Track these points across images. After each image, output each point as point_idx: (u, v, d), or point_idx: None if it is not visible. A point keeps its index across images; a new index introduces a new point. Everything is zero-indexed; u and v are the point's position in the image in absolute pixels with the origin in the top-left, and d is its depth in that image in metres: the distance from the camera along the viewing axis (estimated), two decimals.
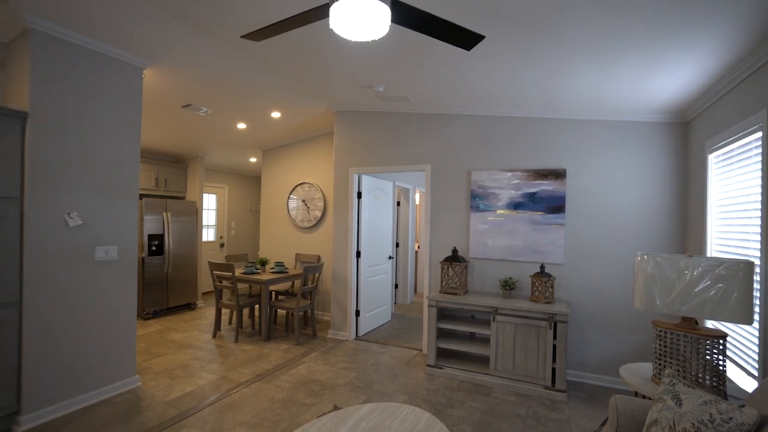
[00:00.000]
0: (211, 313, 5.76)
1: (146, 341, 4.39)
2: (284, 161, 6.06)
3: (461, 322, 3.69)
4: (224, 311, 5.64)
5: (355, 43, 2.66)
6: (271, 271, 4.86)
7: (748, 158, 2.29)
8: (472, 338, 3.77)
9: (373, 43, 2.62)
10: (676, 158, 3.28)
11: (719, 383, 1.95)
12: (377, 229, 5.12)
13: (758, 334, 2.08)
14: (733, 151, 2.47)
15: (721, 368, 1.96)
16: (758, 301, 2.05)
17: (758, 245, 2.11)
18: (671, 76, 2.58)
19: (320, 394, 3.16)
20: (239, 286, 5.09)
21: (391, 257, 5.54)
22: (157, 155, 6.24)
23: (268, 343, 4.41)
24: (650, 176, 3.35)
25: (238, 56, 3.11)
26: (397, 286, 6.59)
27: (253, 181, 8.46)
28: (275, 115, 4.67)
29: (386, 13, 1.47)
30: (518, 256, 3.74)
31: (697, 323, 2.10)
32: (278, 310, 5.38)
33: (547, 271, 3.63)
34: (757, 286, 2.06)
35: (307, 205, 5.73)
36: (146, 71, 3.32)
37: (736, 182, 2.43)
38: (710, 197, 2.79)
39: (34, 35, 2.56)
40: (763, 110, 2.07)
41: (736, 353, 2.39)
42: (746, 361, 2.25)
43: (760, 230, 2.08)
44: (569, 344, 3.59)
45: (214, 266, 4.49)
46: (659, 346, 2.14)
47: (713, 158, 2.77)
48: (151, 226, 5.37)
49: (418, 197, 7.53)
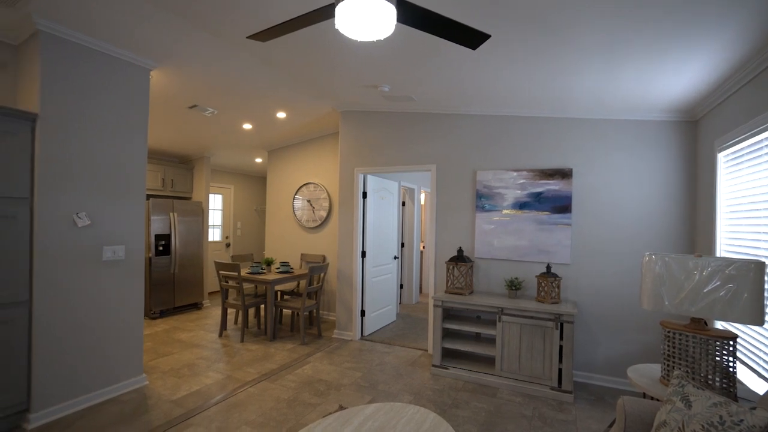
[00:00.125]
0: (217, 312, 5.80)
1: (153, 340, 4.42)
2: (289, 161, 6.08)
3: (467, 322, 3.68)
4: (230, 311, 5.67)
5: (360, 42, 2.66)
6: (276, 271, 4.88)
7: (758, 156, 2.25)
8: (477, 338, 3.76)
9: (378, 42, 2.62)
10: (684, 157, 3.25)
11: (729, 385, 1.93)
12: (382, 229, 5.12)
13: None
14: (743, 149, 2.44)
15: (731, 370, 1.93)
16: None
17: None
18: (679, 74, 2.55)
19: (325, 393, 3.16)
20: (245, 286, 5.11)
21: (396, 257, 5.54)
22: (163, 156, 6.29)
23: (273, 342, 4.43)
24: (658, 175, 3.31)
25: (243, 57, 3.13)
26: (402, 286, 6.59)
27: (258, 181, 8.50)
28: (281, 115, 4.69)
29: (392, 12, 1.47)
30: (524, 256, 3.72)
31: (706, 324, 2.07)
32: (284, 309, 5.39)
33: (553, 271, 3.61)
34: None
35: (312, 205, 5.75)
36: (153, 72, 3.35)
37: (746, 181, 2.40)
38: (719, 196, 2.76)
39: (43, 37, 2.59)
40: None
41: (746, 355, 2.35)
42: (757, 362, 2.22)
43: None
44: (576, 345, 3.56)
45: (220, 266, 4.51)
46: (668, 347, 2.11)
47: (723, 157, 2.74)
48: (158, 226, 5.41)
49: (423, 197, 7.52)
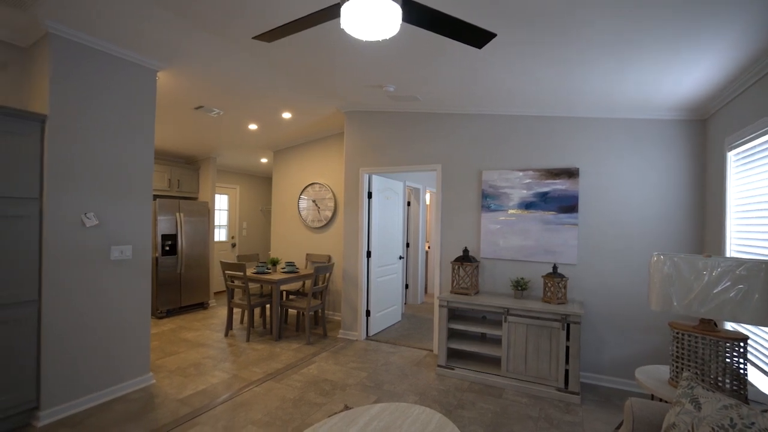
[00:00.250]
0: (223, 312, 5.83)
1: (160, 340, 4.45)
2: (295, 162, 6.10)
3: (472, 322, 3.66)
4: (236, 310, 5.70)
5: (365, 42, 2.66)
6: (282, 270, 4.89)
7: None
8: (483, 339, 3.74)
9: (383, 42, 2.62)
10: (693, 156, 3.21)
11: (740, 387, 1.90)
12: (388, 229, 5.11)
13: None
14: (754, 148, 2.40)
15: (741, 372, 1.90)
16: None
17: None
18: (688, 73, 2.52)
19: (331, 393, 3.17)
20: (251, 285, 5.13)
21: (401, 257, 5.53)
22: (170, 156, 6.34)
23: (279, 342, 4.44)
24: (666, 174, 3.28)
25: (249, 58, 3.14)
26: (407, 286, 6.58)
27: (264, 181, 8.53)
28: (286, 115, 4.71)
29: (397, 12, 1.47)
30: (530, 256, 3.70)
31: (716, 325, 2.05)
32: (289, 309, 5.42)
33: (559, 271, 3.59)
34: None
35: (317, 205, 5.76)
36: (160, 74, 3.38)
37: (757, 180, 2.36)
38: (729, 196, 2.72)
39: (52, 40, 2.62)
40: None
41: (757, 356, 2.32)
42: None
43: None
44: (583, 345, 3.53)
45: (226, 266, 4.54)
46: (676, 348, 2.09)
47: (732, 156, 2.70)
48: (164, 226, 5.45)
49: (428, 197, 7.50)
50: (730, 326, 2.64)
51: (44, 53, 2.66)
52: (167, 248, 5.47)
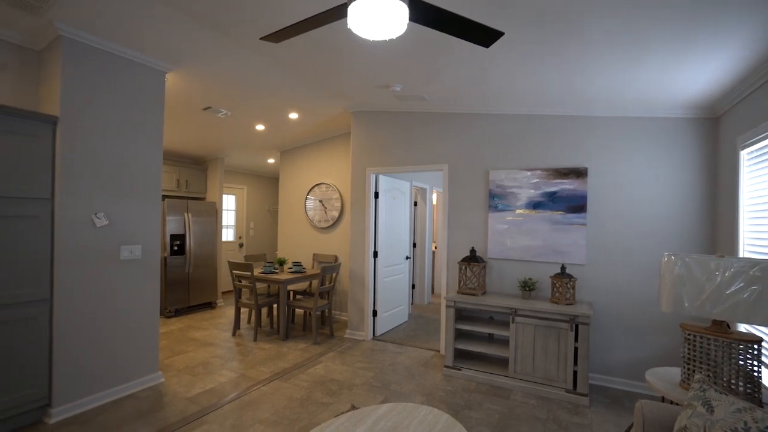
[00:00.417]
0: (230, 312, 5.87)
1: (168, 339, 4.50)
2: (302, 162, 6.12)
3: (479, 323, 3.64)
4: (243, 310, 5.73)
5: (372, 42, 2.66)
6: (289, 270, 4.91)
7: None
8: (490, 339, 3.72)
9: (390, 42, 2.62)
10: (704, 155, 3.16)
11: (754, 390, 1.86)
12: (394, 229, 5.11)
13: None
14: (767, 147, 2.36)
15: (755, 374, 1.87)
16: None
17: None
18: (701, 69, 2.48)
19: (338, 393, 3.17)
20: (258, 285, 5.16)
21: (408, 257, 5.52)
22: (178, 157, 6.40)
23: (286, 342, 4.46)
24: (677, 174, 3.23)
25: (256, 58, 3.16)
26: (414, 286, 6.57)
27: (271, 181, 8.58)
28: (293, 116, 4.72)
29: (404, 11, 1.46)
30: (538, 256, 3.67)
31: (729, 326, 2.01)
32: (296, 309, 5.43)
33: (567, 271, 3.55)
34: None
35: (324, 205, 5.77)
36: (168, 75, 3.41)
37: None
38: (742, 195, 2.67)
39: (64, 42, 2.66)
40: None
41: None
42: None
43: None
44: (591, 347, 3.49)
45: (233, 266, 4.57)
46: (688, 350, 2.06)
47: (745, 154, 2.65)
48: (173, 226, 5.50)
49: (435, 197, 7.48)
50: (743, 328, 2.59)
51: (56, 56, 2.70)
52: (176, 248, 5.53)
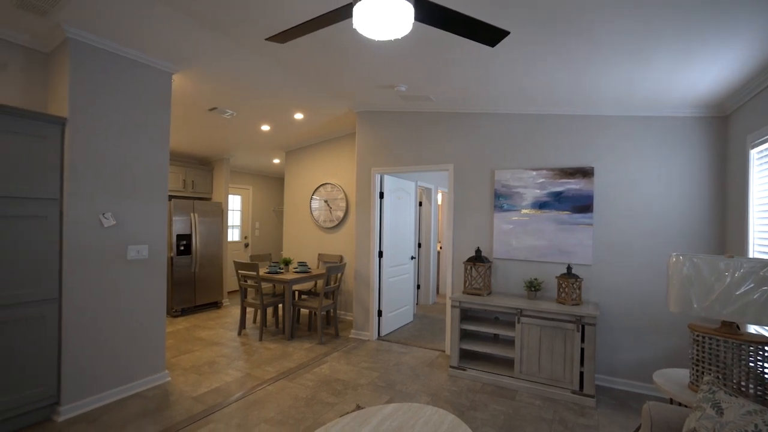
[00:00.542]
0: (236, 311, 5.90)
1: (175, 338, 4.53)
2: (307, 162, 6.14)
3: (485, 323, 3.63)
4: (249, 310, 5.76)
5: (377, 42, 2.66)
6: (294, 270, 4.92)
7: None
8: (495, 340, 3.71)
9: (395, 42, 2.62)
10: (713, 154, 3.12)
11: (764, 392, 1.84)
12: (399, 229, 5.11)
13: None
14: None
15: (766, 376, 1.84)
16: None
17: None
18: (707, 69, 2.45)
19: (343, 393, 3.18)
20: (263, 285, 5.18)
21: (413, 257, 5.52)
22: (184, 158, 6.44)
23: (291, 341, 4.47)
24: (685, 173, 3.20)
25: (262, 59, 3.17)
26: (419, 286, 6.56)
27: (276, 182, 8.61)
28: (298, 116, 4.74)
29: (409, 11, 1.46)
30: (543, 256, 3.65)
31: (738, 328, 1.99)
32: (301, 309, 5.45)
33: (574, 272, 3.53)
34: None
35: (329, 205, 5.78)
36: (175, 76, 3.43)
37: None
38: (752, 194, 2.64)
39: (72, 44, 2.68)
40: None
41: None
42: None
43: None
44: (598, 347, 3.47)
45: (239, 266, 4.59)
46: (697, 351, 2.03)
47: (755, 153, 2.62)
48: (179, 226, 5.54)
49: (440, 197, 7.47)
50: (753, 329, 2.56)
51: (64, 58, 2.73)
52: (182, 248, 5.56)
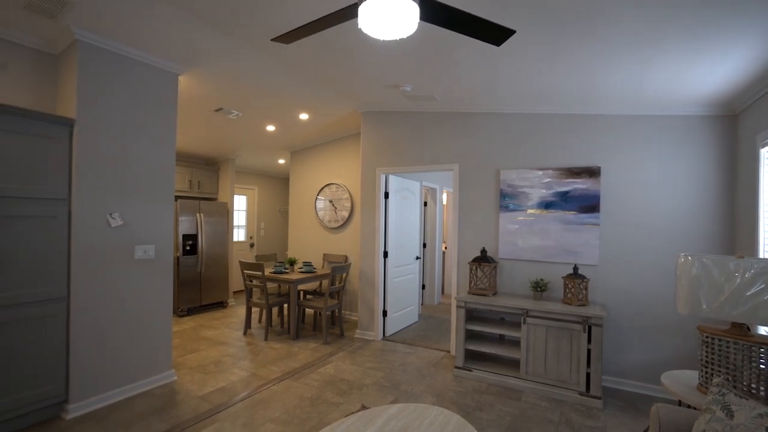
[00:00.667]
0: (241, 311, 5.92)
1: (181, 337, 4.56)
2: (312, 162, 6.15)
3: (490, 323, 3.61)
4: (254, 310, 5.78)
5: (382, 42, 2.66)
6: (299, 270, 4.94)
7: None
8: (501, 340, 3.69)
9: (400, 42, 2.61)
10: (722, 153, 3.08)
11: None
12: (404, 229, 5.10)
13: None
14: None
15: None
16: None
17: None
18: (718, 65, 2.42)
19: (348, 393, 3.18)
20: (269, 285, 5.20)
21: (418, 258, 5.51)
22: (190, 158, 6.49)
23: (296, 341, 4.48)
24: (693, 172, 3.16)
25: (267, 59, 3.18)
26: (424, 286, 6.55)
27: (281, 182, 8.64)
28: (303, 116, 4.75)
29: (415, 10, 1.46)
30: (550, 256, 3.62)
31: (749, 329, 1.96)
32: (306, 309, 5.46)
33: (580, 272, 3.50)
34: None
35: (334, 205, 5.79)
36: (181, 77, 3.45)
37: None
38: (762, 194, 2.60)
39: (80, 46, 2.71)
40: None
41: None
42: None
43: None
44: (605, 348, 3.44)
45: (244, 266, 4.61)
46: (706, 353, 2.01)
47: (766, 152, 2.58)
48: (185, 226, 5.58)
49: (445, 197, 7.45)
50: (763, 331, 2.52)
51: (73, 59, 2.75)
52: (188, 248, 5.60)
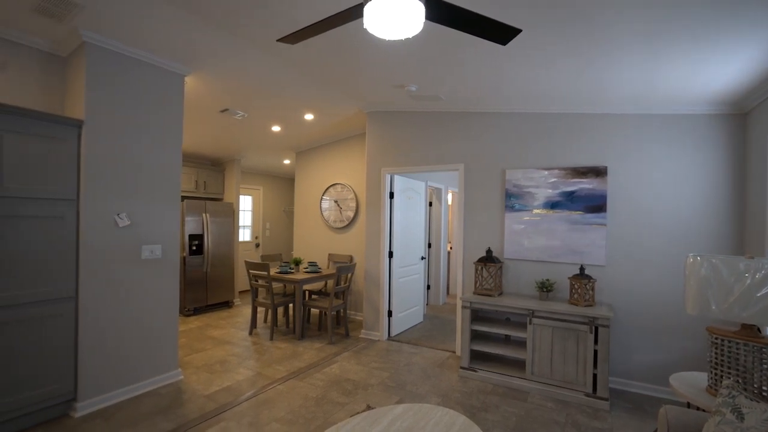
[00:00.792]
0: (247, 311, 5.95)
1: (187, 337, 4.59)
2: (317, 162, 6.16)
3: (496, 324, 3.60)
4: (260, 309, 5.81)
5: (387, 42, 2.66)
6: (304, 270, 4.95)
7: None
8: (507, 341, 3.67)
9: (405, 41, 2.61)
10: (730, 152, 3.05)
11: None
12: (409, 229, 5.10)
13: None
14: None
15: None
16: None
17: None
18: (727, 64, 2.39)
19: (353, 393, 3.18)
20: (274, 285, 5.21)
21: (423, 258, 5.50)
22: (196, 159, 6.53)
23: (302, 341, 4.49)
24: (701, 172, 3.13)
25: (272, 60, 3.19)
26: (429, 287, 6.54)
27: (286, 182, 8.66)
28: (308, 117, 4.76)
29: (420, 10, 1.45)
30: (556, 257, 3.60)
31: (759, 330, 1.93)
32: (312, 309, 5.48)
33: (587, 272, 3.48)
34: None
35: (339, 205, 5.80)
36: (187, 78, 3.48)
37: None
38: None
39: (88, 48, 2.74)
40: None
41: None
42: None
43: None
44: (611, 349, 3.41)
45: (250, 266, 4.63)
46: (715, 354, 1.98)
47: None
48: (191, 226, 5.61)
49: (450, 197, 7.43)
50: None
51: (81, 61, 2.78)
52: (194, 248, 5.63)
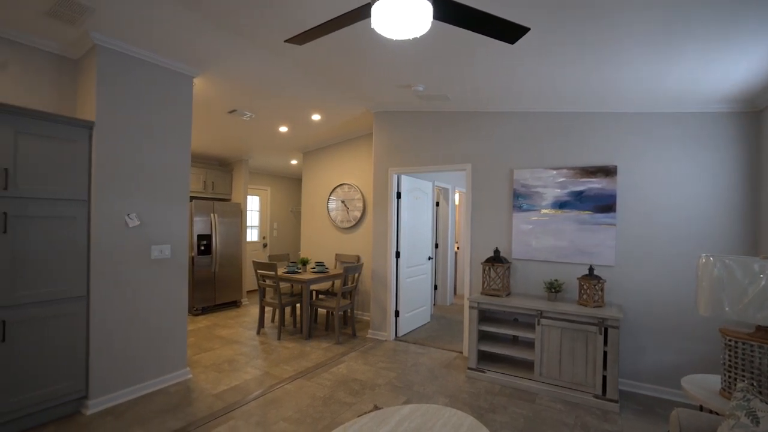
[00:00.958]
0: (255, 310, 5.99)
1: (196, 336, 4.63)
2: (324, 163, 6.18)
3: (503, 324, 3.58)
4: (267, 309, 5.84)
5: (395, 42, 2.65)
6: (312, 270, 4.97)
7: None
8: (515, 342, 3.65)
9: (413, 41, 2.61)
10: (744, 151, 2.99)
11: None
12: (417, 229, 5.09)
13: None
14: None
15: None
16: None
17: None
18: (741, 60, 2.35)
19: (360, 393, 3.18)
20: (281, 285, 5.24)
21: (430, 258, 5.49)
22: (205, 159, 6.58)
23: (309, 341, 4.51)
24: (714, 171, 3.08)
25: (280, 61, 3.21)
26: (436, 287, 6.52)
27: (294, 182, 8.70)
28: (315, 117, 4.78)
29: (428, 9, 1.45)
30: (564, 257, 3.57)
31: None
32: (319, 309, 5.49)
33: (596, 273, 3.44)
34: None
35: (346, 205, 5.81)
36: (196, 80, 3.51)
37: None
38: None
39: (99, 51, 2.78)
40: None
41: None
42: None
43: None
44: (621, 351, 3.37)
45: (258, 265, 4.65)
46: (729, 357, 1.95)
47: None
48: (200, 226, 5.66)
49: (457, 197, 7.41)
50: None
51: (91, 64, 2.82)
52: (202, 248, 5.68)
